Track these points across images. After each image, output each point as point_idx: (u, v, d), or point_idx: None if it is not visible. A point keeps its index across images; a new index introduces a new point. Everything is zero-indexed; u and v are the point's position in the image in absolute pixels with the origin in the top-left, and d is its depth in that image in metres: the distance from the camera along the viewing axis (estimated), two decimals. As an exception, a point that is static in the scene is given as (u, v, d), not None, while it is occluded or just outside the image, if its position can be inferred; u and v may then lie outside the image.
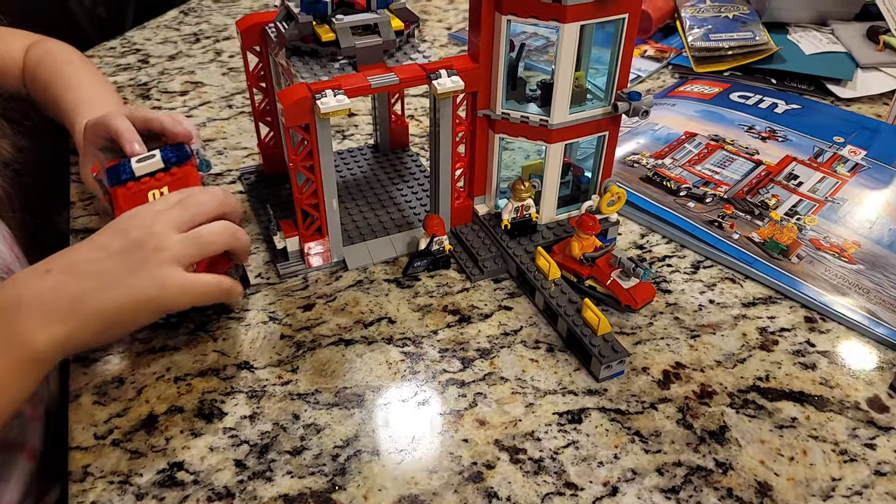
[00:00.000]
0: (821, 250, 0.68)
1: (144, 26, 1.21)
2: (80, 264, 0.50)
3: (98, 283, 0.50)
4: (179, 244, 0.52)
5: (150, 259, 0.51)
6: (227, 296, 0.56)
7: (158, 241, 0.51)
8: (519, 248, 0.65)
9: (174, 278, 0.51)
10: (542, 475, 0.49)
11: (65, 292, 0.49)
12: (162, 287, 0.51)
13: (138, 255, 0.51)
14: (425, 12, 1.27)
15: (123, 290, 0.50)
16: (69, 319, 0.49)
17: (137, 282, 0.50)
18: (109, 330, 0.52)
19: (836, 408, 0.54)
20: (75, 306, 0.49)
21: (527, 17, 0.57)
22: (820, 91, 0.98)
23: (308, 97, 0.56)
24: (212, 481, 0.49)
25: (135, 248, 0.51)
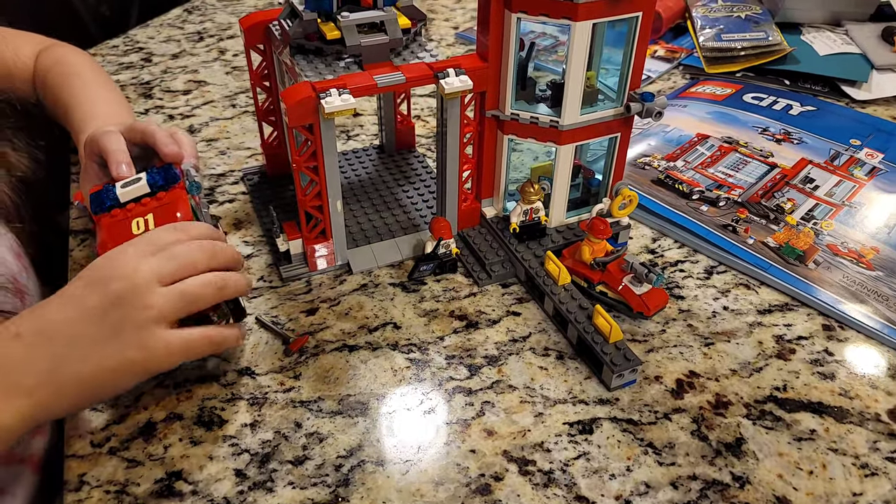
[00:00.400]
0: (838, 256, 0.66)
1: (148, 24, 1.20)
2: (53, 327, 0.45)
3: (73, 350, 0.45)
4: (164, 300, 0.46)
5: (131, 318, 0.45)
6: (218, 347, 0.51)
7: (141, 296, 0.46)
8: (528, 252, 0.64)
9: (159, 340, 0.46)
10: (552, 488, 0.48)
11: (35, 362, 0.44)
12: (146, 350, 0.46)
13: (118, 312, 0.45)
14: (432, 11, 1.26)
15: (103, 357, 0.45)
16: (38, 391, 0.44)
17: (118, 346, 0.45)
18: (86, 399, 0.47)
19: (857, 419, 0.52)
20: (47, 377, 0.44)
21: (537, 15, 0.56)
22: (834, 93, 0.96)
23: (312, 96, 0.54)
24: (211, 492, 0.47)
25: (114, 305, 0.45)
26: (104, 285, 0.46)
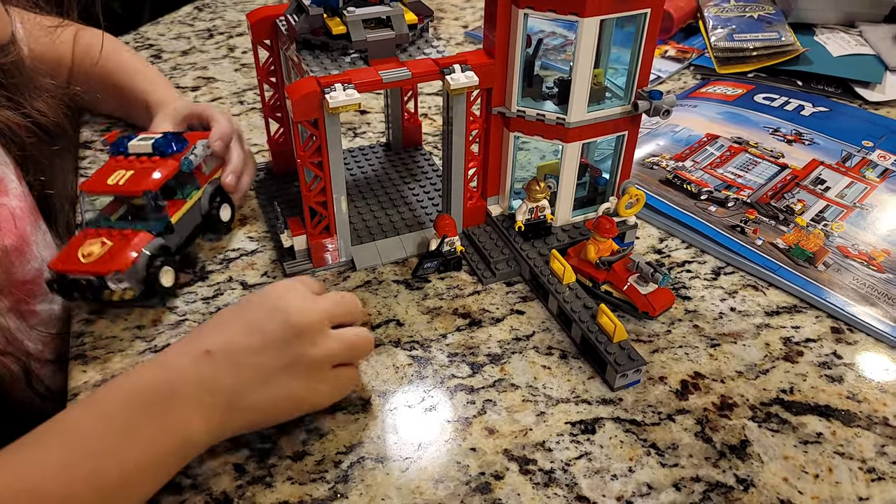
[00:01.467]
0: (848, 258, 0.65)
1: (159, 21, 1.20)
2: (239, 354, 0.47)
3: (257, 377, 0.47)
4: (336, 344, 0.49)
5: (308, 356, 0.48)
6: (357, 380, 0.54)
7: (317, 334, 0.48)
8: (533, 251, 0.63)
9: (329, 383, 0.50)
10: (553, 487, 0.47)
11: (224, 384, 0.46)
12: (320, 395, 0.50)
13: (296, 348, 0.48)
14: (441, 10, 1.26)
15: (281, 390, 0.48)
16: (227, 411, 0.47)
17: (296, 384, 0.48)
18: (255, 425, 0.50)
19: (864, 423, 0.51)
20: (233, 399, 0.47)
21: (545, 11, 0.55)
22: (847, 94, 0.95)
23: (317, 91, 0.54)
24: (210, 486, 0.47)
25: (295, 337, 0.48)
26: (284, 315, 0.48)
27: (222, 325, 0.49)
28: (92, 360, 0.56)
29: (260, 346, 0.47)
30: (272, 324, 0.48)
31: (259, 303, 0.50)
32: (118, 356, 0.57)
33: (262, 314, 0.49)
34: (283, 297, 0.49)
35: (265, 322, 0.48)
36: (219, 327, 0.49)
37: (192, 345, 0.48)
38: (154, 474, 0.45)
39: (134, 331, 0.59)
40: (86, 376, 0.55)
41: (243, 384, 0.47)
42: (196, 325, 0.59)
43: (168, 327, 0.59)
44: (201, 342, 0.48)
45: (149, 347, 0.57)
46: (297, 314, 0.48)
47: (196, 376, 0.46)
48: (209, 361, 0.47)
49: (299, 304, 0.49)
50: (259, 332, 0.48)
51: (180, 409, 0.45)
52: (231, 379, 0.47)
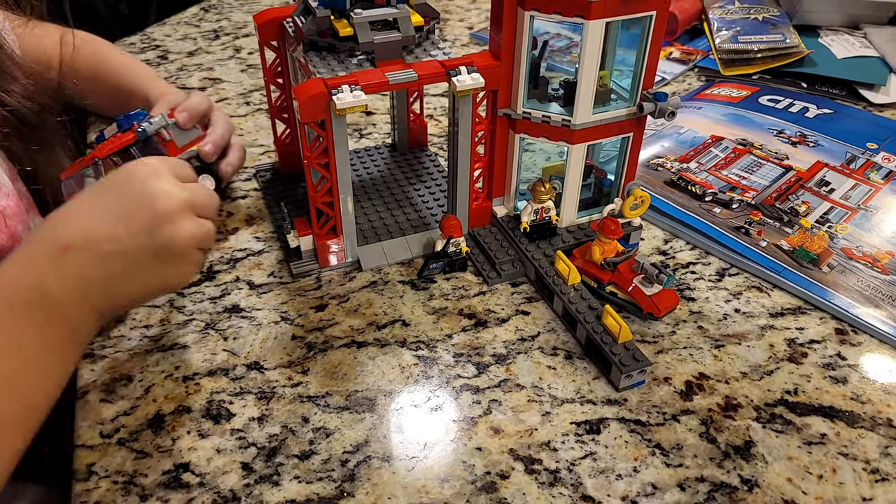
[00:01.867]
0: (853, 260, 0.65)
1: (165, 22, 1.21)
2: (102, 244, 0.45)
3: (124, 268, 0.46)
4: (200, 230, 0.49)
5: (175, 244, 0.47)
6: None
7: (186, 222, 0.48)
8: (538, 252, 0.64)
9: (194, 265, 0.50)
10: (558, 487, 0.47)
11: (92, 278, 0.45)
12: (184, 276, 0.51)
13: (164, 235, 0.47)
14: (447, 11, 1.26)
15: (152, 278, 0.48)
16: (99, 301, 0.46)
17: (166, 270, 0.48)
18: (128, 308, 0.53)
19: (868, 424, 0.52)
20: (103, 292, 0.46)
21: (550, 13, 0.56)
22: (852, 96, 0.96)
23: (324, 93, 0.55)
24: (218, 484, 0.48)
25: (161, 227, 0.46)
26: (150, 203, 0.46)
27: (79, 213, 0.47)
28: (100, 359, 0.57)
29: (126, 235, 0.46)
30: (139, 211, 0.46)
31: (120, 189, 0.48)
32: (126, 355, 0.57)
33: (127, 201, 0.47)
34: (148, 181, 0.48)
35: (131, 209, 0.46)
36: (76, 215, 0.47)
37: (49, 240, 0.46)
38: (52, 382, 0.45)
39: (142, 330, 0.59)
40: (94, 374, 0.55)
41: (112, 277, 0.46)
42: (201, 326, 0.60)
43: (175, 327, 0.60)
44: (58, 234, 0.46)
45: (156, 346, 0.58)
46: (165, 200, 0.47)
47: (59, 273, 0.44)
48: (71, 256, 0.45)
49: (166, 188, 0.47)
50: (124, 220, 0.46)
51: (58, 308, 0.44)
52: (98, 273, 0.45)
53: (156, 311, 0.61)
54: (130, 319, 0.60)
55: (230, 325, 0.60)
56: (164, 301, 0.62)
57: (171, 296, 0.63)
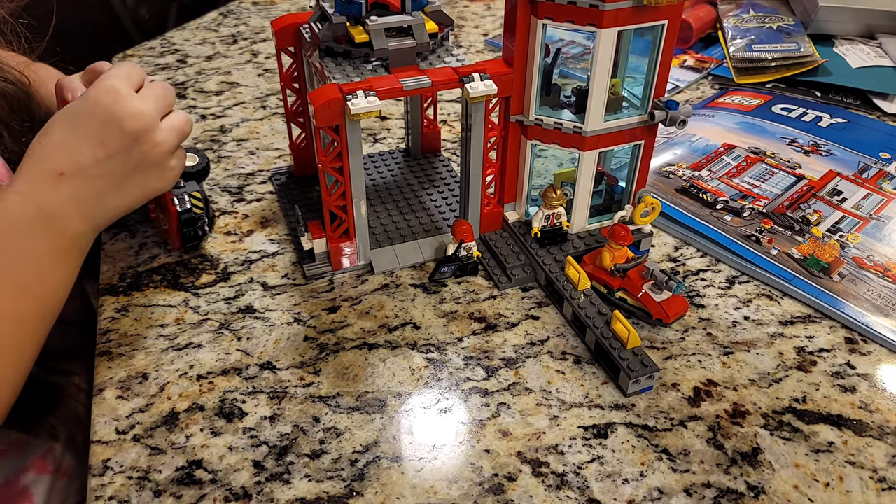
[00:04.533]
0: (864, 269, 0.65)
1: (184, 27, 1.23)
2: (87, 168, 0.52)
3: (111, 184, 0.54)
4: (169, 135, 0.55)
5: (150, 155, 0.54)
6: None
7: (153, 133, 0.54)
8: (548, 257, 0.64)
9: (172, 168, 0.57)
10: (565, 490, 0.48)
11: (85, 195, 0.53)
12: (164, 178, 0.57)
13: (138, 150, 0.54)
14: (462, 18, 1.27)
15: (134, 189, 0.56)
16: (95, 214, 0.54)
17: (145, 179, 0.55)
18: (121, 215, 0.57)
19: (876, 433, 0.52)
20: (99, 203, 0.54)
21: (563, 22, 0.56)
22: (866, 105, 0.95)
23: (339, 98, 0.56)
24: (229, 481, 0.48)
25: (135, 142, 0.53)
26: (121, 125, 0.53)
27: (63, 144, 0.53)
28: (117, 357, 0.58)
29: (106, 157, 0.53)
30: (111, 134, 0.52)
31: (90, 115, 0.53)
32: (142, 353, 0.58)
33: (97, 127, 0.53)
34: (111, 106, 0.53)
35: (104, 134, 0.52)
36: (61, 146, 0.53)
37: (43, 170, 0.52)
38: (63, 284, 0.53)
39: (157, 329, 0.60)
40: (111, 372, 0.57)
41: (102, 193, 0.54)
42: (216, 326, 0.61)
43: (190, 326, 0.61)
44: (51, 165, 0.52)
45: (171, 346, 0.59)
46: (131, 120, 0.53)
47: (58, 196, 0.52)
48: (67, 182, 0.52)
49: (129, 109, 0.53)
50: (101, 144, 0.52)
51: (60, 223, 0.52)
52: (90, 190, 0.53)
53: (171, 310, 0.62)
54: (146, 318, 0.62)
55: (244, 325, 0.61)
56: (179, 301, 0.63)
57: (187, 296, 0.64)
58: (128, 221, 0.73)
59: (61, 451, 0.64)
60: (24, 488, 0.59)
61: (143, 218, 0.73)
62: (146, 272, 0.67)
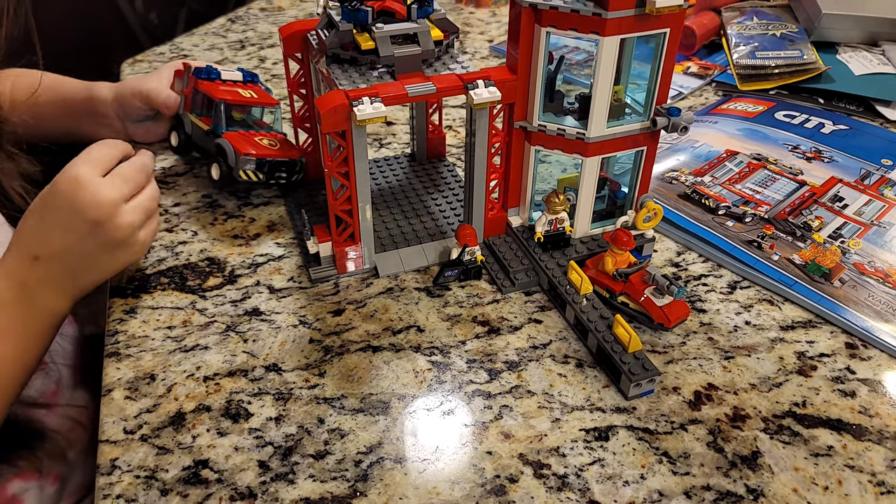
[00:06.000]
0: (865, 275, 0.66)
1: (193, 33, 1.24)
2: (61, 254, 0.57)
3: (82, 264, 0.58)
4: (133, 216, 0.60)
5: (116, 237, 0.58)
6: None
7: (116, 218, 0.58)
8: (551, 262, 0.65)
9: (140, 243, 0.61)
10: (566, 492, 0.48)
11: (57, 276, 0.58)
12: (133, 253, 0.61)
13: (104, 234, 0.58)
14: (467, 24, 1.28)
15: (106, 266, 0.60)
16: (72, 290, 0.59)
17: (114, 256, 0.60)
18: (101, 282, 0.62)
19: (875, 437, 0.52)
20: (75, 281, 0.59)
21: (566, 30, 0.57)
22: (869, 112, 0.96)
23: (345, 104, 0.56)
24: (235, 481, 0.49)
25: (100, 228, 0.57)
26: (83, 214, 0.57)
27: (36, 231, 0.58)
28: (125, 358, 0.59)
29: (75, 242, 0.57)
30: (74, 222, 0.57)
31: (57, 206, 0.58)
32: (150, 354, 0.59)
33: (63, 215, 0.57)
34: (73, 196, 0.57)
35: (69, 222, 0.57)
36: (34, 233, 0.58)
37: (21, 254, 0.57)
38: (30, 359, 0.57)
39: (165, 331, 0.61)
40: (119, 373, 0.57)
41: (75, 271, 0.58)
42: (222, 328, 0.62)
43: (197, 328, 0.62)
44: (28, 250, 0.57)
45: (179, 347, 0.60)
46: (94, 210, 0.57)
47: (37, 277, 0.57)
48: (40, 264, 0.57)
49: (88, 199, 0.57)
50: (69, 231, 0.57)
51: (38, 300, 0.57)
52: (62, 270, 0.58)
53: (179, 313, 0.63)
54: (154, 320, 0.62)
55: (250, 327, 0.62)
56: (186, 303, 0.64)
57: (194, 298, 0.65)
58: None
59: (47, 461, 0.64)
60: (12, 497, 0.61)
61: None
62: (154, 275, 0.68)
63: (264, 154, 0.73)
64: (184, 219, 0.76)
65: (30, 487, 0.62)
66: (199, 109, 0.78)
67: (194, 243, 0.72)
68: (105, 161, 0.60)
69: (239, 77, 0.80)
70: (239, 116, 0.77)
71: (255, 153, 0.72)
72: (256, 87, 0.81)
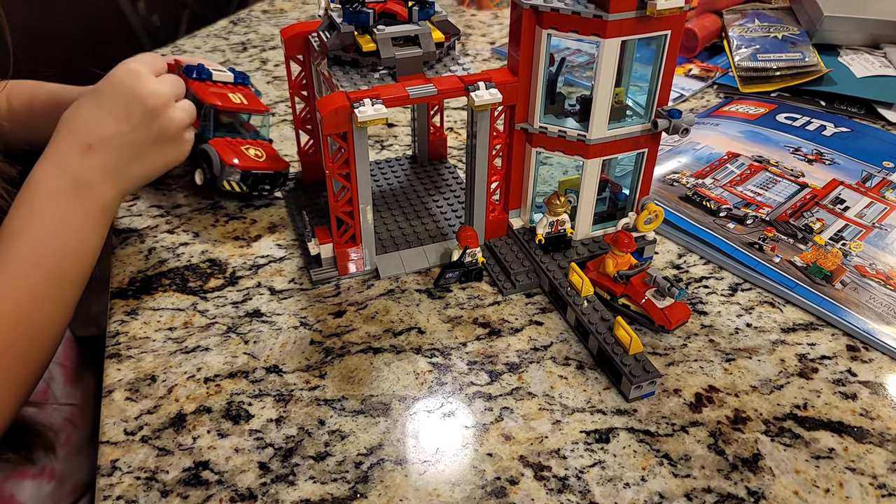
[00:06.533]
0: (866, 277, 0.66)
1: (195, 35, 1.24)
2: (113, 140, 0.60)
3: (135, 154, 0.61)
4: (183, 113, 0.64)
5: (168, 129, 0.62)
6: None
7: (170, 110, 0.63)
8: (552, 264, 0.65)
9: (187, 141, 0.66)
10: (567, 494, 0.48)
11: (110, 166, 0.60)
12: (181, 151, 0.66)
13: (157, 125, 0.62)
14: (469, 26, 1.28)
15: (155, 160, 0.64)
16: (123, 179, 0.61)
17: (164, 151, 0.64)
18: (143, 184, 0.65)
19: (877, 440, 0.52)
20: (124, 172, 0.61)
21: (567, 32, 0.57)
22: (870, 115, 0.96)
23: (346, 106, 0.56)
24: (235, 482, 0.49)
25: (154, 117, 0.61)
26: (143, 102, 0.61)
27: (91, 119, 0.60)
28: (126, 359, 0.59)
29: (130, 130, 0.60)
30: (134, 110, 0.60)
31: (115, 93, 0.61)
32: (150, 356, 0.59)
33: (122, 103, 0.60)
34: (135, 85, 0.61)
35: (128, 110, 0.60)
36: (88, 121, 0.60)
37: (75, 143, 0.59)
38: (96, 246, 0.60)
39: (166, 332, 0.61)
40: (120, 374, 0.57)
41: (127, 162, 0.61)
42: (223, 329, 0.62)
43: (198, 330, 0.62)
44: (81, 138, 0.59)
45: (180, 348, 0.60)
46: (152, 98, 0.61)
47: (89, 166, 0.59)
48: (95, 153, 0.59)
49: (151, 88, 0.62)
50: (125, 119, 0.60)
51: (92, 190, 0.59)
52: (116, 160, 0.60)
53: (180, 314, 0.63)
54: (155, 322, 0.62)
55: (251, 329, 0.62)
56: (187, 305, 0.64)
57: (195, 300, 0.65)
58: (138, 227, 0.74)
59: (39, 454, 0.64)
60: (9, 497, 0.61)
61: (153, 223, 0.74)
62: (155, 276, 0.68)
63: (249, 166, 0.72)
64: (185, 220, 0.76)
65: (27, 485, 0.62)
66: None
67: (195, 245, 0.72)
68: (154, 66, 0.64)
69: (230, 78, 0.79)
70: (227, 120, 0.77)
71: (240, 165, 0.71)
72: (247, 90, 0.80)
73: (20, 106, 0.83)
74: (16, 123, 0.82)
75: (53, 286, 0.56)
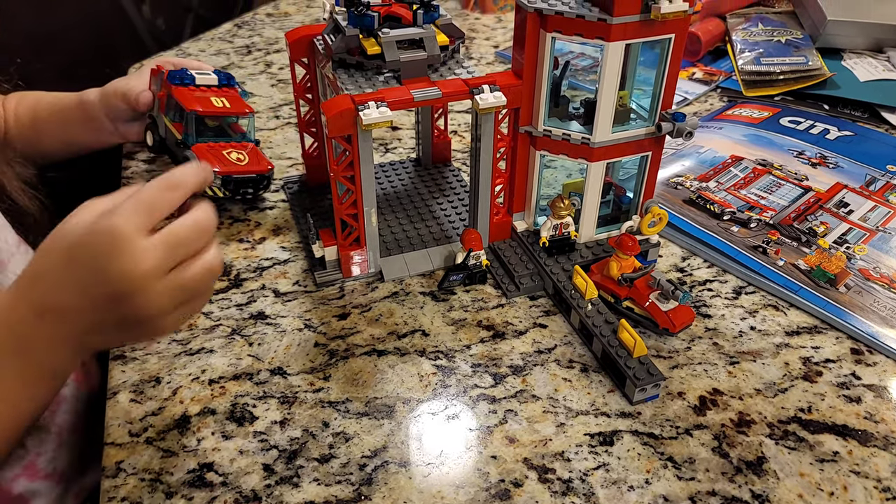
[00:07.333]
0: (870, 280, 0.66)
1: (200, 38, 1.24)
2: (68, 313, 0.47)
3: (92, 330, 0.48)
4: (166, 299, 0.47)
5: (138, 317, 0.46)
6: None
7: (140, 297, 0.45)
8: (556, 266, 0.65)
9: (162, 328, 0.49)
10: (571, 496, 0.48)
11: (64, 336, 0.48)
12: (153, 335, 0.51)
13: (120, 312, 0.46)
14: (473, 30, 1.28)
15: (125, 337, 0.53)
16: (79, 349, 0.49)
17: (136, 333, 0.50)
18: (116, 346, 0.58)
19: (881, 443, 0.52)
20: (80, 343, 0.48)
21: (571, 35, 0.57)
22: (874, 118, 0.96)
23: (351, 108, 0.57)
24: (240, 484, 0.49)
25: (118, 305, 0.46)
26: (106, 282, 0.45)
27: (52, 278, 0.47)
28: (131, 361, 0.59)
29: (91, 309, 0.46)
30: (97, 288, 0.46)
31: (87, 256, 0.46)
32: (155, 358, 0.59)
33: (88, 273, 0.46)
34: (103, 254, 0.45)
35: (92, 284, 0.46)
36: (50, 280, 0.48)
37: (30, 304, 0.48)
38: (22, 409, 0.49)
39: (170, 334, 0.61)
40: (124, 376, 0.58)
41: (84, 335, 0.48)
42: (228, 331, 0.62)
43: (203, 332, 0.62)
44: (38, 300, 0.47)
45: (184, 350, 0.60)
46: (119, 282, 0.45)
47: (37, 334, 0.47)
48: (47, 323, 0.47)
49: (117, 266, 0.45)
50: (88, 294, 0.46)
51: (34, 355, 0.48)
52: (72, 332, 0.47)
53: (184, 316, 0.63)
54: (160, 323, 0.63)
55: (255, 331, 0.62)
56: (192, 307, 0.64)
57: (200, 302, 0.65)
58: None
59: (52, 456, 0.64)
60: (18, 496, 0.61)
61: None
62: (160, 278, 0.68)
63: (230, 171, 0.72)
64: (190, 223, 0.76)
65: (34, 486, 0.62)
66: (172, 113, 0.76)
67: (200, 247, 0.72)
68: (156, 209, 0.47)
69: (214, 81, 0.78)
70: (213, 123, 0.76)
71: (220, 170, 0.71)
72: (232, 92, 0.79)
73: (25, 114, 0.84)
74: (22, 131, 0.84)
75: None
